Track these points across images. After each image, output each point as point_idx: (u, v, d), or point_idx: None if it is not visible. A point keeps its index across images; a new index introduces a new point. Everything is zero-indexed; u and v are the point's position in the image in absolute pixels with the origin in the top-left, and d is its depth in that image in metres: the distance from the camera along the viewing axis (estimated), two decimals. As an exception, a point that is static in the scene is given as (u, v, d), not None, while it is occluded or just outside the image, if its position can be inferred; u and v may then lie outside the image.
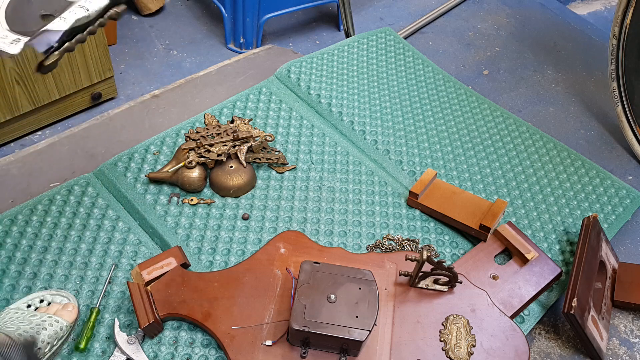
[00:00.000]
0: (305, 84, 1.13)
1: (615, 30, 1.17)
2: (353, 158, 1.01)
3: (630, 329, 0.85)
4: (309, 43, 2.17)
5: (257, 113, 1.07)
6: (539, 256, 0.85)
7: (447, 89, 1.20)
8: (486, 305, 0.78)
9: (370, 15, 2.15)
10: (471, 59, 1.63)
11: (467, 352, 0.73)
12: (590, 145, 1.28)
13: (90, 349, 0.72)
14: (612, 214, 0.97)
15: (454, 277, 0.76)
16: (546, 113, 1.39)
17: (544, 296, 0.84)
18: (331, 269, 0.71)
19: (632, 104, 1.21)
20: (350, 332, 0.66)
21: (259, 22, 2.05)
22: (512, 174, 1.02)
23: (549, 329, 0.83)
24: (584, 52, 1.63)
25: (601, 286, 0.85)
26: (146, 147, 0.97)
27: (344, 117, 1.08)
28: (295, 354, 0.71)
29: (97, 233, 0.85)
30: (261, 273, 0.79)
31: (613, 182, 1.02)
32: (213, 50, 2.11)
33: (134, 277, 0.76)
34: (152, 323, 0.70)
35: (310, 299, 0.68)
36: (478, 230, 0.86)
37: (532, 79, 1.52)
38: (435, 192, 0.93)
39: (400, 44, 1.30)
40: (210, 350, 0.73)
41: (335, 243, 0.87)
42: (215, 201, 0.90)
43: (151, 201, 0.89)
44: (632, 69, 1.18)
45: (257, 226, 0.88)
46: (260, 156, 0.96)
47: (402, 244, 0.87)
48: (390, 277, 0.80)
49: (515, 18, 1.80)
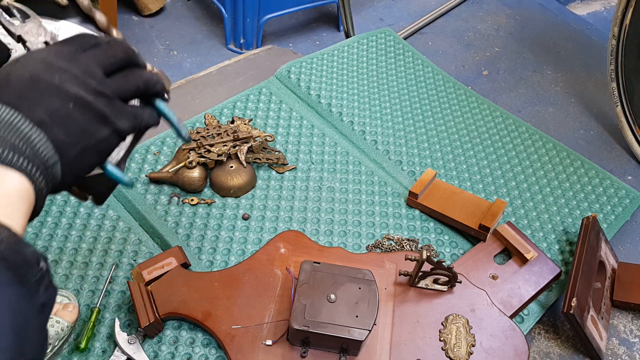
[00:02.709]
0: (305, 84, 1.13)
1: (614, 31, 1.17)
2: (353, 158, 1.01)
3: (629, 328, 0.85)
4: (309, 43, 2.17)
5: (257, 113, 1.07)
6: (539, 256, 0.85)
7: (447, 89, 1.20)
8: (486, 305, 0.78)
9: (370, 16, 2.15)
10: (471, 60, 1.63)
11: (466, 351, 0.73)
12: (589, 146, 1.28)
13: (91, 348, 0.72)
14: (611, 214, 0.97)
15: (453, 277, 0.77)
16: (545, 113, 1.39)
17: (544, 296, 0.84)
18: (331, 268, 0.71)
19: (631, 104, 1.21)
20: (350, 332, 0.66)
21: (259, 22, 2.05)
22: (511, 174, 1.02)
23: (548, 329, 0.84)
24: (584, 52, 1.63)
25: (600, 286, 0.85)
26: (147, 147, 0.97)
27: (344, 117, 1.08)
28: (295, 353, 0.71)
29: (98, 233, 0.85)
30: (261, 273, 0.79)
31: (612, 182, 1.03)
32: (213, 50, 2.12)
33: (134, 276, 0.77)
34: (152, 323, 0.70)
35: (310, 299, 0.68)
36: (477, 230, 0.87)
37: (531, 79, 1.53)
38: (435, 192, 0.93)
39: (400, 44, 1.30)
40: (211, 349, 0.74)
41: (335, 243, 0.87)
42: (215, 201, 0.91)
43: (152, 201, 0.90)
44: (632, 69, 1.18)
45: (257, 226, 0.88)
46: (260, 156, 0.96)
47: (401, 244, 0.88)
48: (390, 277, 0.80)
49: (515, 18, 1.80)
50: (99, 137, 0.43)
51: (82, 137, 0.41)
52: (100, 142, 0.43)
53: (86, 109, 0.41)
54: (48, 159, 0.39)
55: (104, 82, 0.43)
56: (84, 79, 0.41)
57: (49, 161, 0.39)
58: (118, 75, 0.45)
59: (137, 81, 0.46)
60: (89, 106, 0.41)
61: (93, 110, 0.42)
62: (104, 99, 0.42)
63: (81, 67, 0.42)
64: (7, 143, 0.37)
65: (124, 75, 0.45)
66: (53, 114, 0.39)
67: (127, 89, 0.45)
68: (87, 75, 0.42)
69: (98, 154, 0.44)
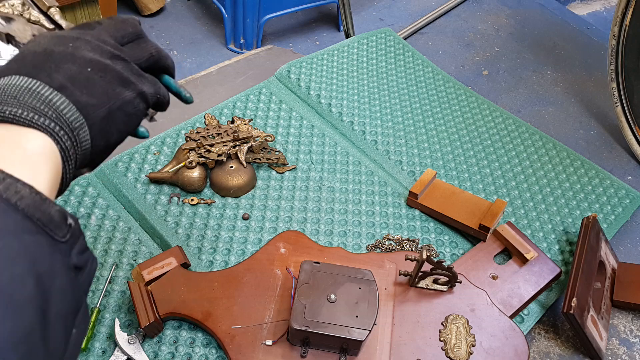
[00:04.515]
0: (305, 84, 1.13)
1: (614, 31, 1.17)
2: (353, 158, 1.01)
3: (629, 328, 0.85)
4: (309, 43, 2.17)
5: (257, 113, 1.07)
6: (539, 256, 0.85)
7: (447, 89, 1.20)
8: (486, 305, 0.78)
9: (370, 16, 2.15)
10: (471, 60, 1.63)
11: (466, 351, 0.73)
12: (589, 146, 1.28)
13: (91, 348, 0.72)
14: (611, 214, 0.97)
15: (453, 277, 0.77)
16: (545, 113, 1.39)
17: (544, 296, 0.84)
18: (331, 268, 0.71)
19: (631, 104, 1.21)
20: (350, 332, 0.66)
21: (259, 22, 2.05)
22: (511, 174, 1.02)
23: (548, 329, 0.84)
24: (584, 52, 1.63)
25: (600, 286, 0.85)
26: (147, 147, 0.97)
27: (344, 117, 1.08)
28: (295, 353, 0.71)
29: (98, 233, 0.85)
30: (261, 273, 0.79)
31: (612, 182, 1.03)
32: (213, 50, 2.12)
33: (134, 276, 0.77)
34: (152, 323, 0.70)
35: (310, 299, 0.68)
36: (477, 230, 0.87)
37: (531, 79, 1.53)
38: (435, 192, 0.93)
39: (400, 44, 1.30)
40: (211, 349, 0.74)
41: (335, 243, 0.87)
42: (215, 201, 0.91)
43: (152, 201, 0.90)
44: (632, 69, 1.18)
45: (257, 226, 0.88)
46: (260, 156, 0.96)
47: (401, 244, 0.88)
48: (390, 277, 0.80)
49: (515, 18, 1.80)
50: (124, 99, 0.42)
51: (105, 98, 0.41)
52: (126, 104, 0.42)
53: (104, 71, 0.41)
54: (73, 120, 0.38)
55: (117, 47, 0.43)
56: (97, 44, 0.41)
57: (73, 123, 0.38)
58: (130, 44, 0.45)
59: (150, 49, 0.46)
60: (107, 68, 0.41)
61: (111, 72, 0.41)
62: (121, 62, 0.42)
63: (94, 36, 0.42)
64: (27, 106, 0.36)
65: (136, 44, 0.45)
66: (72, 78, 0.39)
67: (141, 55, 0.45)
68: (100, 41, 0.42)
69: (127, 116, 0.43)
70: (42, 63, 0.39)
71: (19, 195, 0.31)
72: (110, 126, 0.42)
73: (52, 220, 0.33)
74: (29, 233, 0.31)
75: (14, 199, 0.31)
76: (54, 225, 0.33)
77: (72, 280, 0.34)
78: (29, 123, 0.36)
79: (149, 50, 0.46)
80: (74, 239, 0.35)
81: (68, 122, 0.38)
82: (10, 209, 0.31)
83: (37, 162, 0.35)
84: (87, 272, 0.36)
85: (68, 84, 0.39)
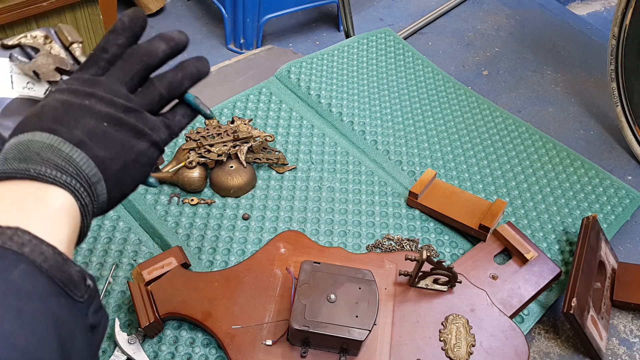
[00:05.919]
0: (305, 84, 1.13)
1: (614, 31, 1.17)
2: (353, 158, 1.01)
3: (629, 328, 0.85)
4: (309, 43, 2.17)
5: (257, 113, 1.07)
6: (539, 256, 0.85)
7: (447, 89, 1.20)
8: (486, 305, 0.78)
9: (370, 16, 2.15)
10: (471, 60, 1.63)
11: (466, 351, 0.73)
12: (589, 146, 1.28)
13: (91, 348, 0.72)
14: (611, 214, 0.97)
15: (453, 277, 0.77)
16: (545, 113, 1.39)
17: (544, 296, 0.84)
18: (331, 268, 0.71)
19: (631, 104, 1.21)
20: (350, 332, 0.66)
21: (259, 22, 2.05)
22: (511, 174, 1.02)
23: (548, 329, 0.84)
24: (584, 52, 1.63)
25: (600, 286, 0.85)
26: (146, 147, 0.97)
27: (344, 117, 1.08)
28: (295, 353, 0.71)
29: (98, 233, 0.85)
30: (261, 273, 0.79)
31: (612, 182, 1.03)
32: (213, 50, 2.12)
33: (134, 276, 0.77)
34: (152, 323, 0.70)
35: (310, 299, 0.68)
36: (477, 230, 0.87)
37: (531, 79, 1.53)
38: (435, 192, 0.93)
39: (400, 44, 1.30)
40: (211, 349, 0.74)
41: (335, 243, 0.87)
42: (215, 201, 0.91)
43: (152, 201, 0.90)
44: (632, 69, 1.18)
45: (257, 226, 0.88)
46: (260, 156, 0.96)
47: (401, 244, 0.88)
48: (390, 277, 0.80)
49: (515, 18, 1.80)
50: (138, 150, 0.44)
51: (121, 152, 0.43)
52: (140, 155, 0.44)
53: (119, 125, 0.43)
54: (91, 176, 0.40)
55: (129, 98, 0.45)
56: (110, 98, 0.43)
57: (92, 178, 0.40)
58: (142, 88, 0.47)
59: (160, 89, 0.47)
60: (121, 121, 0.43)
61: (126, 125, 0.43)
62: (134, 114, 0.44)
63: (105, 89, 0.43)
64: (50, 163, 0.38)
65: (146, 87, 0.47)
66: (90, 133, 0.41)
67: (152, 99, 0.46)
68: (112, 95, 0.43)
69: (141, 167, 0.45)
70: (61, 116, 0.41)
71: (43, 257, 0.34)
72: (126, 177, 0.44)
73: (72, 280, 0.35)
74: (53, 295, 0.33)
75: (39, 260, 0.33)
76: (73, 286, 0.35)
77: (89, 340, 0.36)
78: (52, 180, 0.38)
79: (159, 91, 0.47)
80: (91, 298, 0.37)
81: (87, 178, 0.40)
82: (37, 272, 0.33)
83: (58, 219, 0.37)
84: (100, 329, 0.39)
85: (86, 139, 0.40)
